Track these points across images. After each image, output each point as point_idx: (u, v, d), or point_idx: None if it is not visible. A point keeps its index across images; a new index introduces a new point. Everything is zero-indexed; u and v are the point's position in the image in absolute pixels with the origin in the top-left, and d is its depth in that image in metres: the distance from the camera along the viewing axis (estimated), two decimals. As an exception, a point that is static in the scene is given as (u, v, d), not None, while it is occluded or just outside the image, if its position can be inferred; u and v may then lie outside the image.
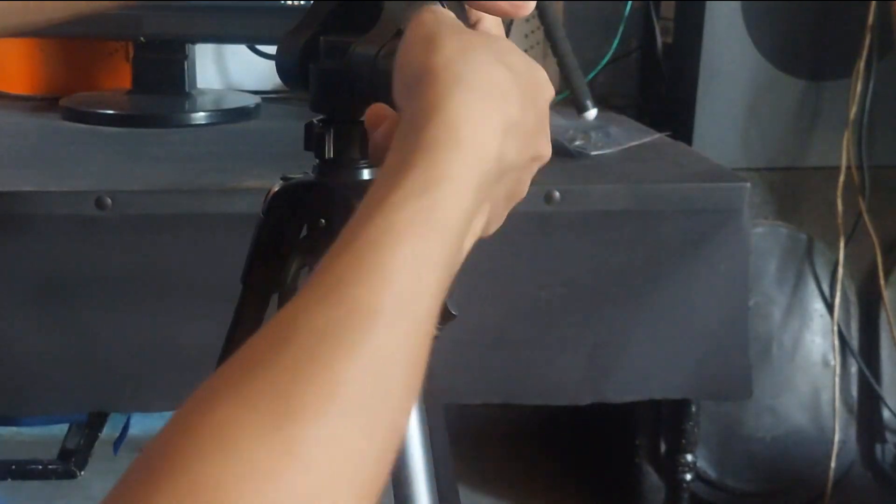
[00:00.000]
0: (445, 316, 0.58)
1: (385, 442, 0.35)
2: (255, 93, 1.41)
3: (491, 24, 0.55)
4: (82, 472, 1.18)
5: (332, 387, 0.34)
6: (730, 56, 1.39)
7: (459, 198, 0.40)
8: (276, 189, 0.57)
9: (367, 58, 0.48)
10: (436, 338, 0.59)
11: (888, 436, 1.48)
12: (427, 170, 0.39)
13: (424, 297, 0.38)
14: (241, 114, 1.30)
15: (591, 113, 1.24)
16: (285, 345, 0.35)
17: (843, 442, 1.46)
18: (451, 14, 0.46)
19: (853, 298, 1.47)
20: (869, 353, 1.47)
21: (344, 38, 0.51)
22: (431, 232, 0.38)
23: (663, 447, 1.40)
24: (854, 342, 1.47)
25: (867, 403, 1.48)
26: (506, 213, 0.48)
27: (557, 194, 0.98)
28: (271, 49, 1.38)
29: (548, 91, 0.47)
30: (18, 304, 0.96)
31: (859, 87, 1.37)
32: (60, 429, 1.27)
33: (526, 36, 1.52)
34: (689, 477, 1.34)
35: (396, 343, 0.36)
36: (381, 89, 0.47)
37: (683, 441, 1.33)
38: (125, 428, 1.35)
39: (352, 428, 0.34)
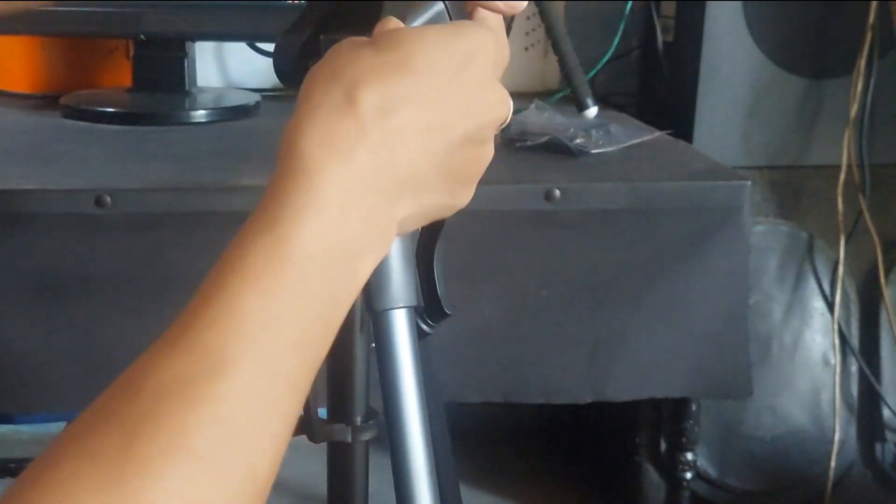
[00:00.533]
0: (439, 314, 0.58)
1: (240, 486, 0.35)
2: (256, 91, 1.41)
3: (491, 21, 0.54)
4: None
5: (176, 438, 0.34)
6: (730, 54, 1.39)
7: (313, 224, 0.39)
8: (277, 187, 0.57)
9: None
10: (432, 336, 0.59)
11: (888, 435, 1.48)
12: (276, 201, 0.39)
13: (281, 334, 0.37)
14: (241, 112, 1.30)
15: (592, 111, 1.25)
16: (134, 396, 0.35)
17: (843, 441, 1.46)
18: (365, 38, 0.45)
19: (854, 297, 1.47)
20: (869, 351, 1.47)
21: (345, 36, 0.51)
22: (284, 267, 0.38)
23: (664, 446, 1.40)
24: (854, 341, 1.47)
25: (867, 402, 1.48)
26: (466, 188, 0.47)
27: (558, 192, 0.98)
28: (272, 47, 1.38)
29: (481, 56, 0.45)
30: (17, 302, 0.96)
31: (860, 86, 1.37)
32: (59, 427, 1.27)
33: (527, 34, 1.52)
34: (689, 475, 1.34)
35: (247, 387, 0.36)
36: None
37: (684, 440, 1.33)
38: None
39: (197, 478, 0.34)
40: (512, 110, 0.48)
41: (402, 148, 0.42)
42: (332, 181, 0.40)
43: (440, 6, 0.50)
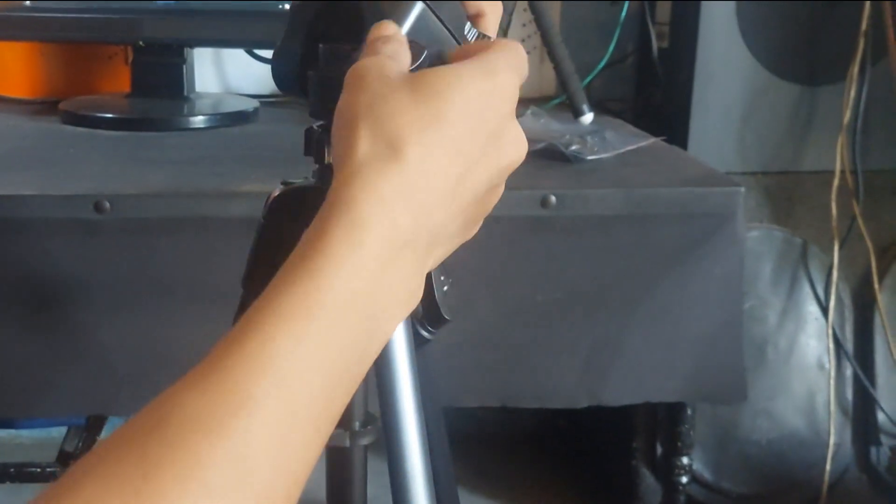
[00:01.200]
0: (438, 320, 0.58)
1: None
2: (254, 97, 1.41)
3: (492, 17, 0.55)
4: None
5: (192, 469, 0.34)
6: (724, 61, 1.39)
7: (350, 278, 0.40)
8: (277, 194, 0.58)
9: None
10: (432, 342, 0.60)
11: (883, 438, 1.49)
12: (320, 249, 0.40)
13: (308, 379, 0.38)
14: (239, 118, 1.31)
15: (587, 117, 1.25)
16: (157, 425, 0.36)
17: (838, 444, 1.46)
18: (390, 65, 0.45)
19: (848, 301, 1.48)
20: (863, 355, 1.48)
21: (343, 45, 0.51)
22: (318, 315, 0.39)
23: (659, 450, 1.40)
24: (849, 345, 1.47)
25: (862, 406, 1.48)
26: (479, 223, 0.49)
27: (553, 199, 0.98)
28: (270, 53, 1.39)
29: (504, 96, 0.46)
30: (16, 306, 0.96)
31: (853, 92, 1.38)
32: (59, 432, 1.27)
33: (523, 41, 1.53)
34: (685, 479, 1.35)
35: (268, 427, 0.37)
36: None
37: (679, 444, 1.33)
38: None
39: None
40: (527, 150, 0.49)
41: (437, 204, 0.43)
42: (375, 238, 0.41)
43: (420, 5, 0.51)
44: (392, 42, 0.47)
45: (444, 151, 0.43)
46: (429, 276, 0.56)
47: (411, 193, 0.42)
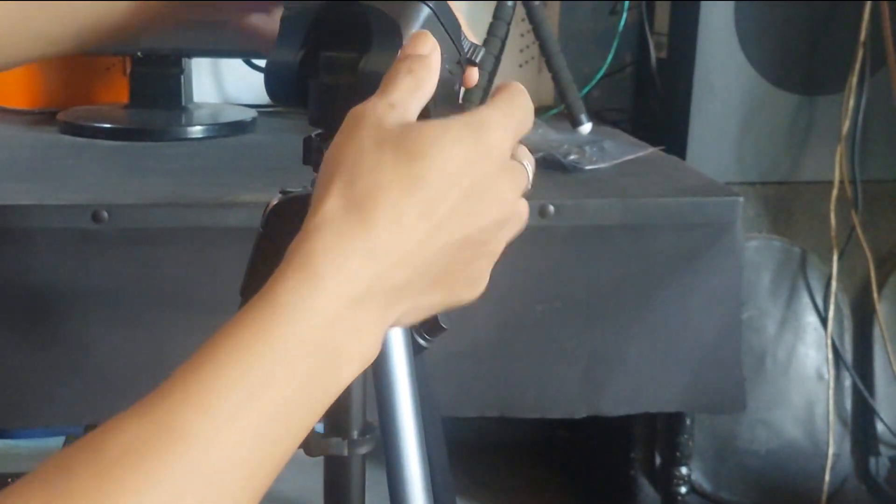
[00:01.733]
0: (436, 329, 0.58)
1: None
2: (252, 107, 1.41)
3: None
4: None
5: (113, 499, 0.35)
6: (723, 71, 1.40)
7: (301, 329, 0.40)
8: (275, 203, 0.58)
9: (380, 76, 0.48)
10: (428, 351, 0.59)
11: (882, 449, 1.49)
12: (273, 297, 0.41)
13: (249, 421, 0.38)
14: (237, 127, 1.31)
15: (586, 127, 1.25)
16: (93, 456, 0.36)
17: (837, 455, 1.46)
18: (389, 116, 0.45)
19: (847, 312, 1.48)
20: (863, 366, 1.48)
21: (345, 53, 0.51)
22: (263, 361, 0.39)
23: (658, 460, 1.40)
24: (848, 355, 1.47)
25: (861, 416, 1.48)
26: (469, 286, 0.49)
27: (552, 208, 0.99)
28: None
29: (489, 160, 0.45)
30: (14, 316, 0.96)
31: (852, 102, 1.38)
32: (56, 442, 1.27)
33: (521, 51, 1.53)
34: (683, 490, 1.34)
35: (205, 463, 0.37)
36: None
37: (678, 454, 1.33)
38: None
39: None
40: (525, 215, 0.49)
41: (403, 261, 0.43)
42: (330, 292, 0.41)
43: (428, 10, 0.51)
44: (402, 90, 0.46)
45: (415, 213, 0.43)
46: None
47: (373, 253, 0.42)
